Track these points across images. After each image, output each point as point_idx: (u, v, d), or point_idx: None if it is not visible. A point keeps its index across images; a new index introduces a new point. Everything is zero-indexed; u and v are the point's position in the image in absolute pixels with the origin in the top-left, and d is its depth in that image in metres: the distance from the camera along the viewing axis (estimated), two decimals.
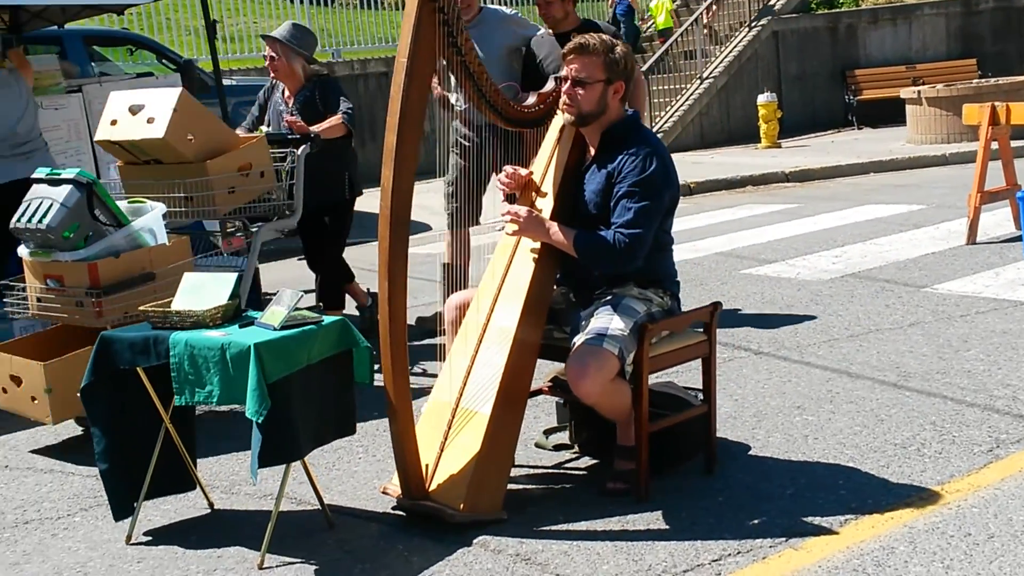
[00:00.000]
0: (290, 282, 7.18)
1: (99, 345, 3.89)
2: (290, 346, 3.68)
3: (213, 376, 3.66)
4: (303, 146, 6.01)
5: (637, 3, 19.37)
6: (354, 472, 4.54)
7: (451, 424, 4.01)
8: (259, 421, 3.52)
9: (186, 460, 4.11)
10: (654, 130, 17.05)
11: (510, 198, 4.31)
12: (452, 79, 5.02)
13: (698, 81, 17.57)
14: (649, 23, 19.56)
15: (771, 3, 18.82)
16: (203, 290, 3.98)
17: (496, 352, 4.02)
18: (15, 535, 4.20)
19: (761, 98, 16.32)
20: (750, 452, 4.49)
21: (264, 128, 6.35)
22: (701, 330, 4.28)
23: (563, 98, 4.09)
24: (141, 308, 3.97)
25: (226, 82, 12.02)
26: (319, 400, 3.83)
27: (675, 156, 15.11)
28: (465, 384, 4.05)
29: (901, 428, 4.62)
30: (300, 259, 7.41)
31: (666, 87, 17.59)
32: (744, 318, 6.67)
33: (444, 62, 3.91)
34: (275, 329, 3.73)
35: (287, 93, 6.45)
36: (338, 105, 6.21)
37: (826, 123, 18.31)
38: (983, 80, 16.83)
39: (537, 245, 4.12)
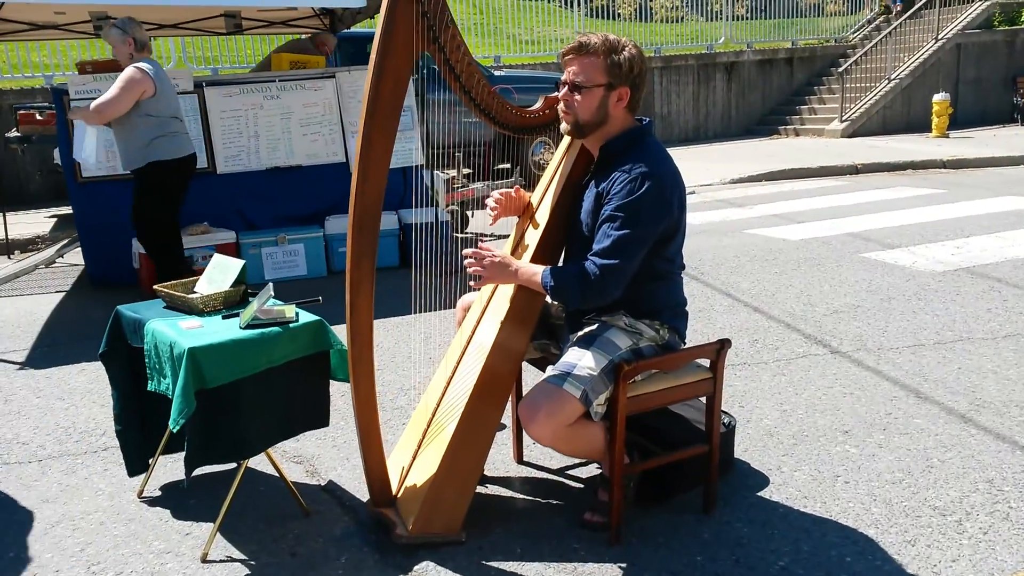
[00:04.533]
0: None
1: (112, 318, 2.67)
2: (242, 350, 2.29)
3: (167, 370, 2.35)
4: None
5: None
6: None
7: (426, 432, 2.52)
8: (174, 429, 2.18)
9: None
10: (846, 117, 13.96)
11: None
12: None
13: (885, 81, 14.18)
14: None
15: (959, 20, 14.89)
16: (221, 273, 2.67)
17: (471, 369, 2.44)
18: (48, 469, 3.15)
19: (936, 96, 13.00)
20: (765, 490, 2.67)
21: None
22: (708, 366, 2.50)
23: (560, 104, 2.38)
24: (155, 287, 2.71)
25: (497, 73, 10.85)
26: (283, 400, 2.42)
27: (856, 140, 11.52)
28: (444, 393, 2.53)
29: (950, 483, 2.65)
30: None
31: (858, 85, 14.27)
32: (840, 308, 4.60)
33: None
34: (240, 328, 2.37)
35: None
36: None
37: (994, 120, 14.48)
38: None
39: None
